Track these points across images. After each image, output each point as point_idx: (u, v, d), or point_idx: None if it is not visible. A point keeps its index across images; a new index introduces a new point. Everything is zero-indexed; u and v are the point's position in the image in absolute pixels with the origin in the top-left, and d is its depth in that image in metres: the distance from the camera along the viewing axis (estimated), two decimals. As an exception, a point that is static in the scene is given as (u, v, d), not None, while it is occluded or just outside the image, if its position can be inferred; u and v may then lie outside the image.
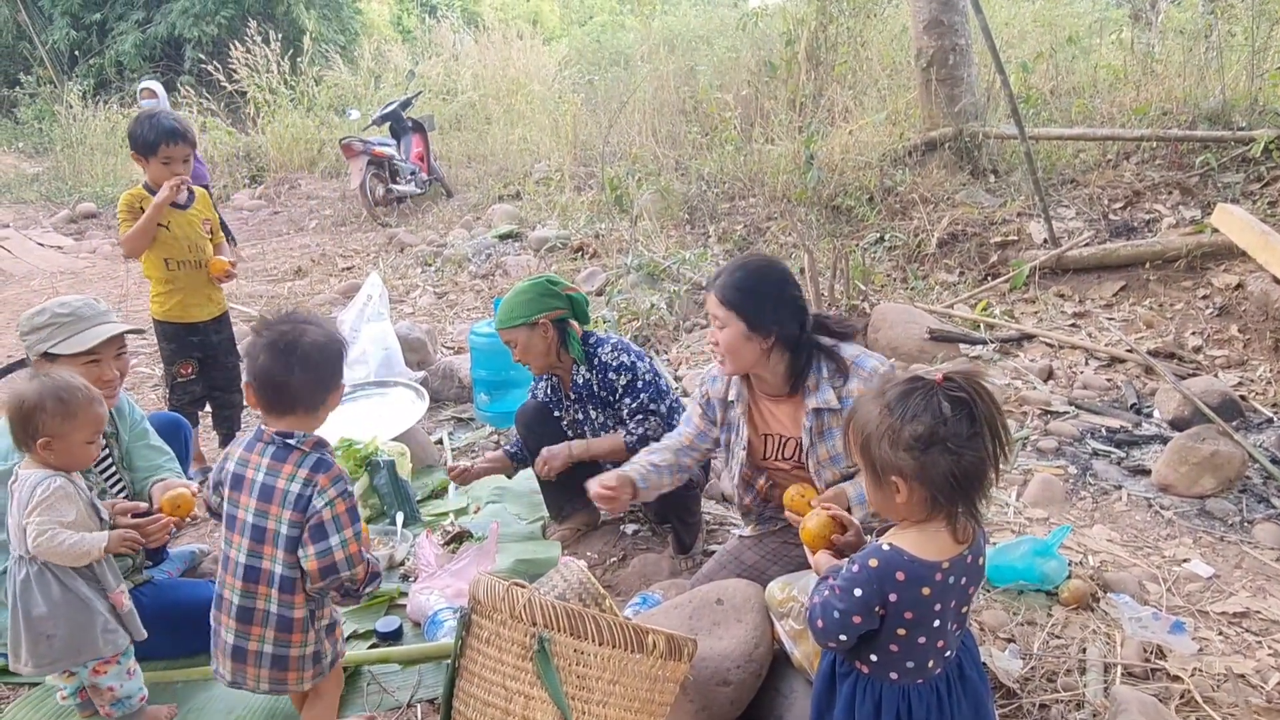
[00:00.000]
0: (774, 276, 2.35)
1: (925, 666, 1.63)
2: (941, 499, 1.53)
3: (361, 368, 4.57)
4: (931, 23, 7.02)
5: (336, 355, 1.97)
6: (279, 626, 1.91)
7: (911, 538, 1.59)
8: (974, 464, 1.51)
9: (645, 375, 3.06)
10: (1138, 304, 5.28)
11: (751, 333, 2.27)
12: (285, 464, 1.89)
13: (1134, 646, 2.60)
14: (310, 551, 1.85)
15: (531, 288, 3.04)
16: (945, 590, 1.58)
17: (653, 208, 7.82)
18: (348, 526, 1.88)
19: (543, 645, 1.68)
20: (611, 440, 3.09)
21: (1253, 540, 3.21)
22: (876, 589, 1.56)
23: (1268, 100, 6.42)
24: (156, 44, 15.19)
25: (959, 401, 1.51)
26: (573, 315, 3.10)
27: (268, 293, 7.21)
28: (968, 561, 1.60)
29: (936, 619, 1.59)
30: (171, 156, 3.49)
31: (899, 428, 1.52)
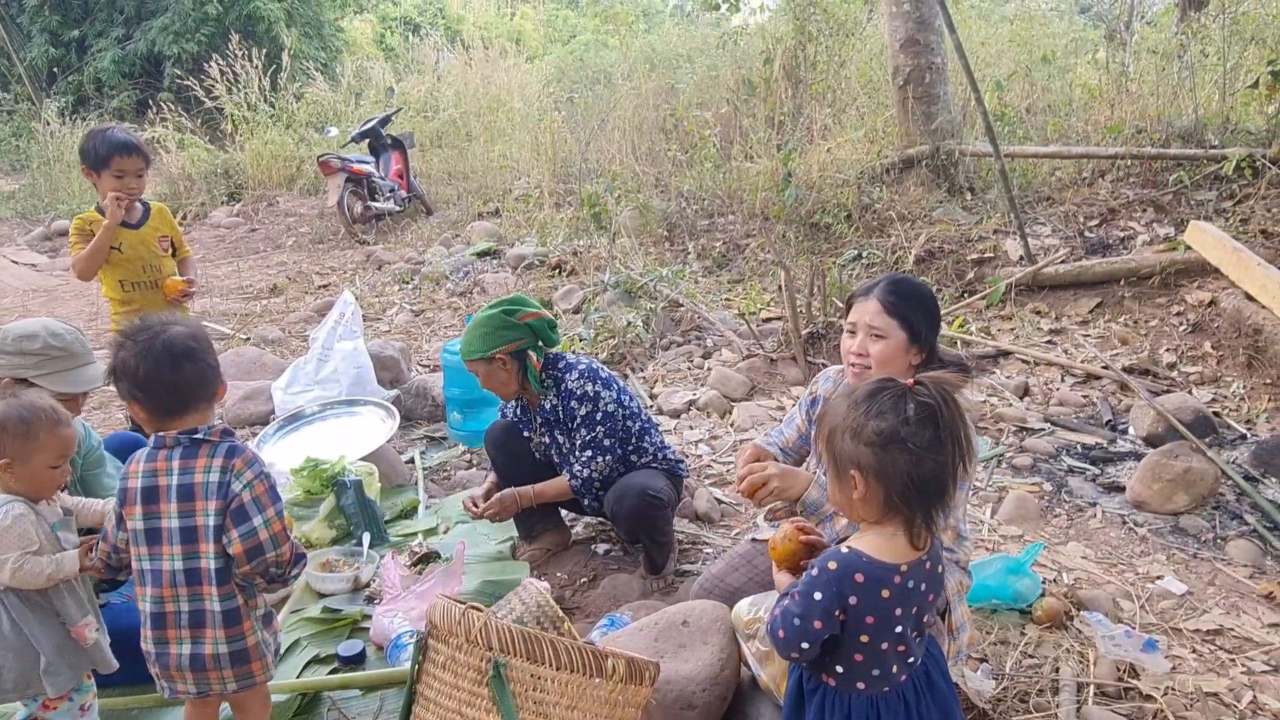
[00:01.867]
0: (929, 290, 2.35)
1: (891, 674, 1.61)
2: (897, 500, 1.53)
3: (333, 386, 4.51)
4: (908, 41, 7.07)
5: (208, 343, 1.99)
6: (227, 622, 1.89)
7: (869, 540, 1.59)
8: (932, 470, 1.52)
9: (607, 407, 3.01)
10: (1113, 321, 5.30)
11: (911, 344, 2.24)
12: (198, 459, 1.88)
13: (1107, 665, 2.58)
14: (234, 535, 1.84)
15: (487, 321, 2.97)
16: (905, 594, 1.56)
17: (631, 225, 7.82)
18: (269, 506, 1.88)
19: (498, 670, 1.63)
20: (557, 484, 3.08)
21: (1225, 557, 3.20)
22: (836, 591, 1.55)
23: (1239, 119, 6.48)
24: (136, 61, 15.10)
25: (925, 407, 1.52)
26: (535, 343, 3.04)
27: (242, 310, 7.14)
28: (926, 568, 1.59)
29: (898, 624, 1.57)
30: (124, 170, 3.39)
31: (863, 422, 1.54)
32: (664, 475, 3.11)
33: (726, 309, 6.21)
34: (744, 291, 6.50)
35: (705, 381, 5.06)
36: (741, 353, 5.36)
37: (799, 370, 5.04)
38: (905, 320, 2.20)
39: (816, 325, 5.23)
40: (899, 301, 2.21)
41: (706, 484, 3.87)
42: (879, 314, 2.22)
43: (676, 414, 4.76)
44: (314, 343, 4.81)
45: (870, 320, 2.23)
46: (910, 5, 6.96)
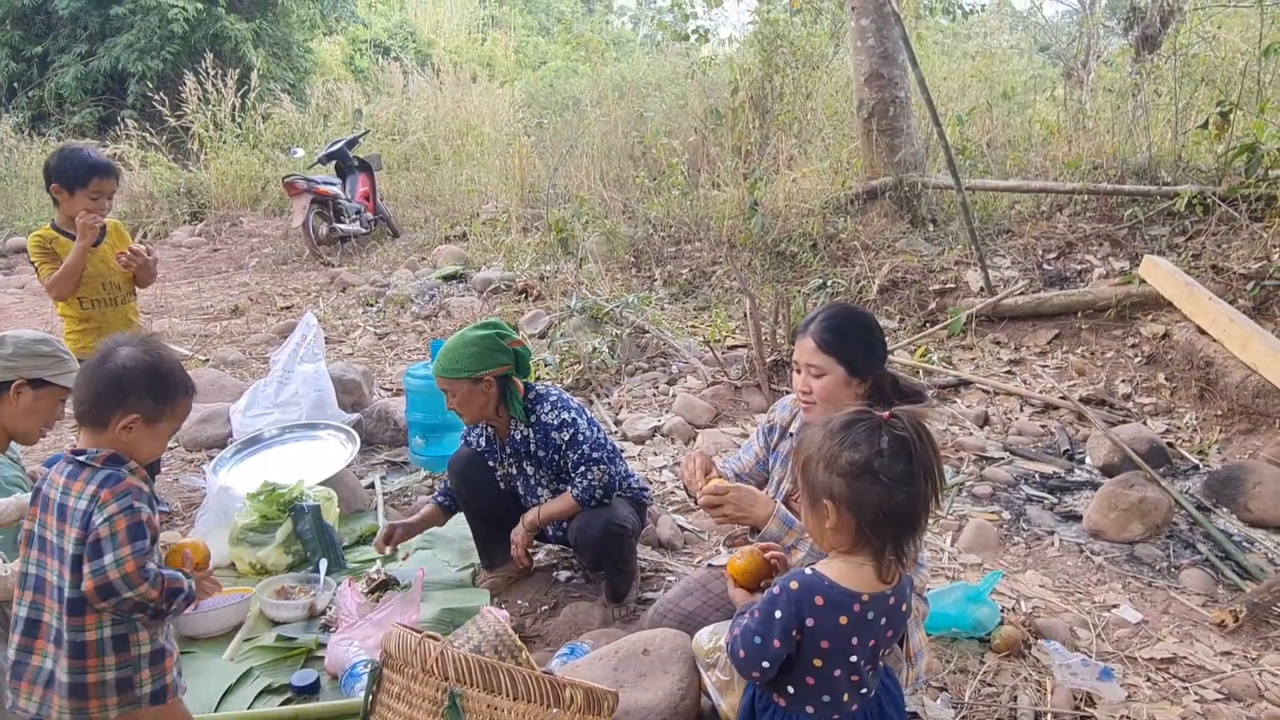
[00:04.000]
0: (867, 320, 2.34)
1: (841, 702, 1.62)
2: (868, 530, 1.54)
3: (293, 409, 4.45)
4: (872, 75, 7.19)
5: (138, 375, 1.90)
6: (71, 652, 1.81)
7: (835, 566, 1.60)
8: (904, 503, 1.53)
9: (585, 429, 3.01)
10: (1070, 352, 5.39)
11: (851, 378, 2.24)
12: (77, 481, 1.84)
13: (1064, 694, 2.60)
14: (86, 570, 1.77)
15: (481, 340, 2.94)
16: (863, 624, 1.57)
17: (598, 251, 7.83)
18: (125, 544, 1.77)
19: (454, 700, 1.60)
20: (563, 501, 3.03)
21: (1179, 586, 3.25)
22: (794, 611, 1.56)
23: (1191, 157, 6.67)
24: (99, 77, 14.91)
25: (899, 439, 1.53)
26: (516, 370, 3.04)
27: (201, 331, 7.04)
28: (889, 602, 1.59)
29: (853, 653, 1.58)
30: (101, 191, 3.38)
31: (837, 453, 1.55)
32: (628, 503, 3.10)
33: (692, 336, 6.24)
34: (709, 319, 6.53)
35: (670, 408, 5.07)
36: (706, 380, 5.38)
37: (763, 398, 5.07)
38: (841, 355, 2.22)
39: (781, 353, 5.26)
40: (833, 338, 2.23)
41: (670, 511, 3.87)
42: (815, 352, 2.24)
43: (641, 440, 4.75)
44: (275, 365, 4.75)
45: (808, 359, 2.25)
46: (875, 40, 7.09)
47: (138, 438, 1.91)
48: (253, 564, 3.22)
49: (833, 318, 2.30)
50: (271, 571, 3.19)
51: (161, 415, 1.95)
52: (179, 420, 2.03)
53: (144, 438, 1.93)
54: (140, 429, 1.91)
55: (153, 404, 1.92)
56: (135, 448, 1.92)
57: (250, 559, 3.22)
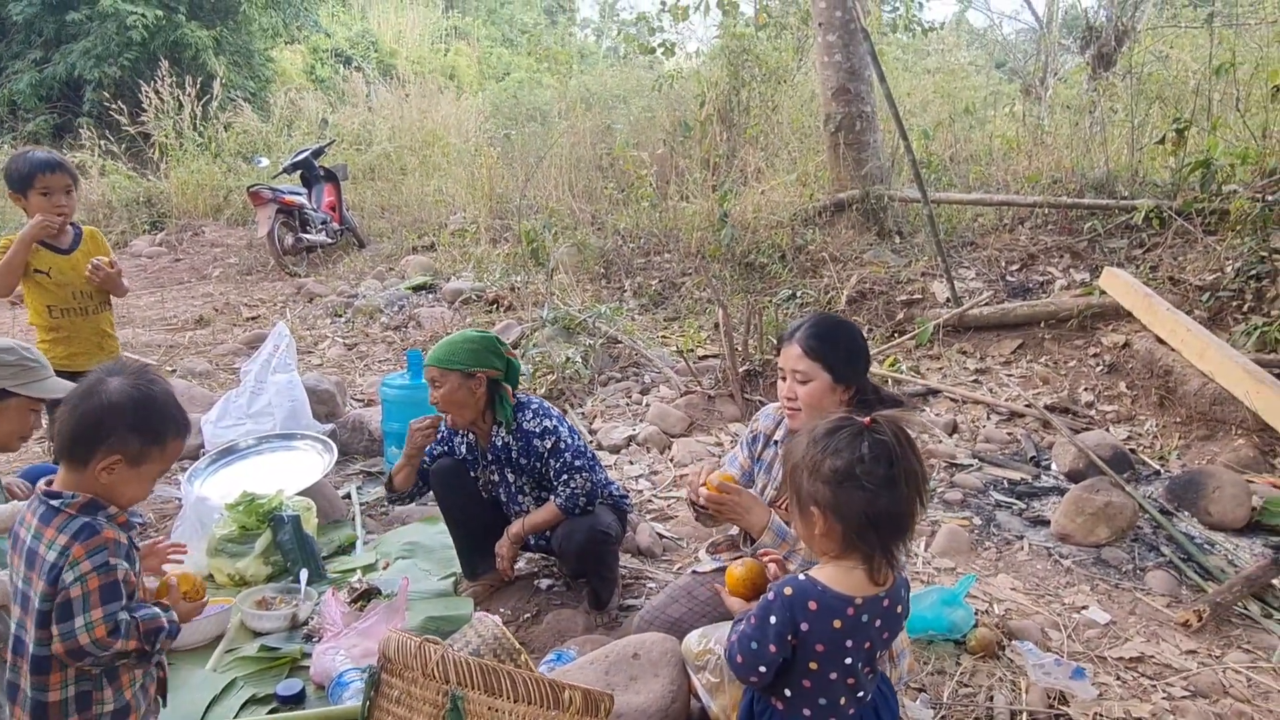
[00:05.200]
0: (851, 328, 2.40)
1: (838, 705, 1.65)
2: (854, 536, 1.58)
3: (266, 420, 4.42)
4: (839, 90, 7.32)
5: (124, 411, 1.74)
6: (33, 713, 1.70)
7: (828, 572, 1.63)
8: (888, 507, 1.56)
9: (566, 437, 3.04)
10: (1034, 361, 5.52)
11: (836, 384, 2.28)
12: (49, 527, 1.70)
13: (1038, 693, 2.67)
14: (55, 632, 1.66)
15: (481, 340, 2.99)
16: (857, 627, 1.61)
17: (569, 261, 7.86)
18: (96, 607, 1.66)
19: (455, 703, 1.62)
20: (547, 510, 3.05)
21: (1145, 587, 3.35)
22: (789, 616, 1.59)
23: (1147, 172, 6.87)
24: (55, 84, 14.65)
25: (880, 444, 1.57)
26: (507, 379, 3.06)
27: (166, 342, 6.93)
28: (884, 605, 1.63)
29: (848, 656, 1.61)
30: (50, 187, 3.27)
31: (820, 460, 1.59)
32: (610, 510, 3.13)
33: (664, 346, 6.28)
34: (680, 329, 6.58)
35: (644, 417, 5.10)
36: (679, 389, 5.42)
37: (736, 407, 5.12)
38: (827, 362, 2.27)
39: (753, 363, 5.33)
40: (819, 345, 2.28)
41: (648, 519, 3.89)
42: (801, 358, 2.29)
43: (616, 449, 4.78)
44: (246, 375, 4.71)
45: (794, 365, 2.30)
46: (841, 56, 7.22)
47: (119, 480, 1.75)
48: (231, 575, 3.19)
49: (818, 325, 2.35)
50: (251, 582, 3.16)
51: (147, 457, 1.77)
52: (167, 463, 1.85)
53: (126, 481, 1.76)
54: (122, 471, 1.74)
55: (138, 444, 1.75)
56: (116, 492, 1.76)
57: (229, 570, 3.19)
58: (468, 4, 33.89)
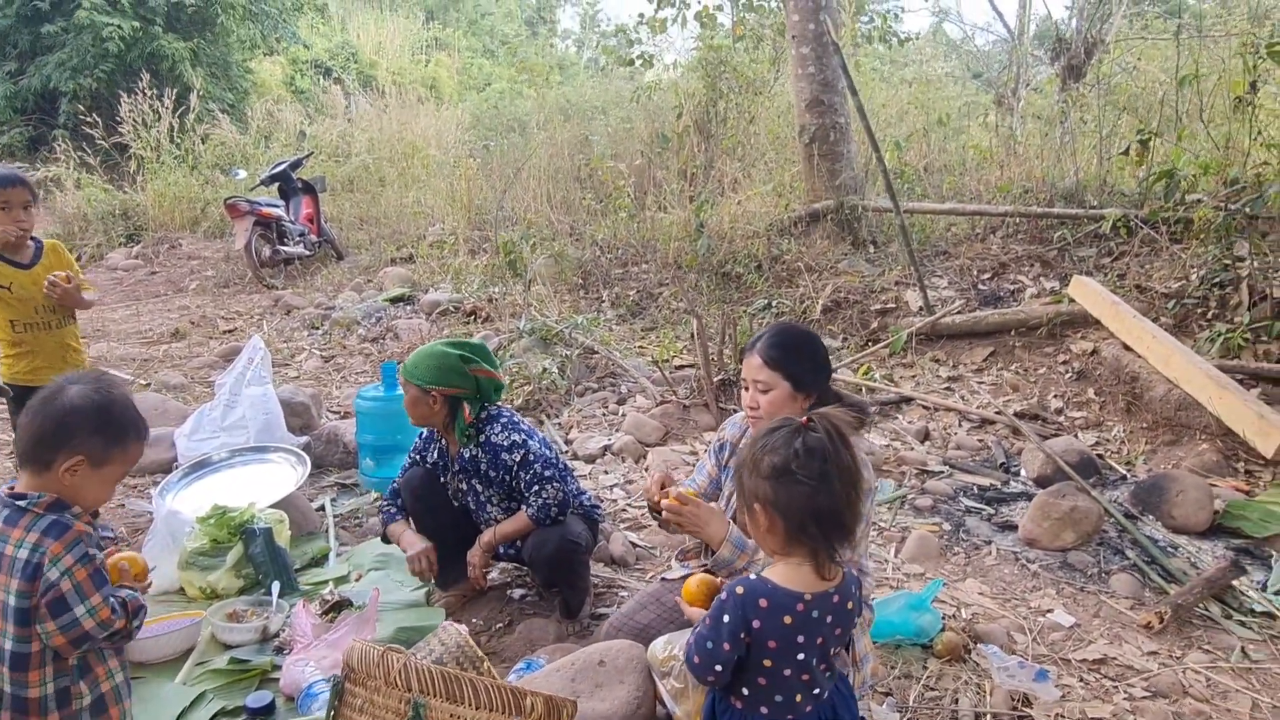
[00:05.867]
0: (811, 338, 2.45)
1: (794, 702, 1.69)
2: (796, 531, 1.63)
3: (240, 433, 4.41)
4: (813, 102, 7.39)
5: (86, 415, 1.82)
6: (14, 708, 1.76)
7: (777, 570, 1.69)
8: (825, 502, 1.61)
9: (536, 449, 3.06)
10: (1005, 368, 5.59)
11: (796, 392, 2.32)
12: (15, 528, 1.77)
13: (1002, 696, 2.71)
14: (52, 627, 1.74)
15: (443, 357, 3.00)
16: (808, 622, 1.65)
17: (547, 273, 7.89)
18: (92, 593, 1.77)
19: (417, 711, 1.64)
20: (518, 520, 3.07)
21: (1109, 590, 3.40)
22: (741, 614, 1.64)
23: (1116, 182, 6.98)
24: (30, 96, 14.56)
25: (815, 442, 1.63)
26: (476, 396, 3.07)
27: (141, 355, 6.90)
28: (834, 601, 1.67)
29: (801, 651, 1.65)
30: (9, 201, 3.29)
31: (760, 457, 1.65)
32: (581, 520, 3.15)
33: (640, 356, 6.31)
34: (657, 339, 6.62)
35: (620, 427, 5.13)
36: (655, 399, 5.46)
37: (711, 416, 5.16)
38: (787, 371, 2.32)
39: (728, 372, 5.36)
40: (779, 354, 2.33)
41: (622, 528, 3.92)
42: (761, 368, 2.33)
43: (592, 459, 4.80)
44: (220, 388, 4.70)
45: (755, 375, 2.35)
46: (815, 68, 7.30)
47: (82, 482, 1.83)
48: (203, 588, 3.19)
49: (778, 335, 2.39)
50: (222, 595, 3.16)
51: (109, 459, 1.86)
52: (128, 465, 1.94)
53: (89, 482, 1.84)
54: (85, 473, 1.82)
55: (100, 446, 1.83)
56: (79, 493, 1.84)
57: (200, 583, 3.19)
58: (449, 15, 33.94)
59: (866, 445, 4.73)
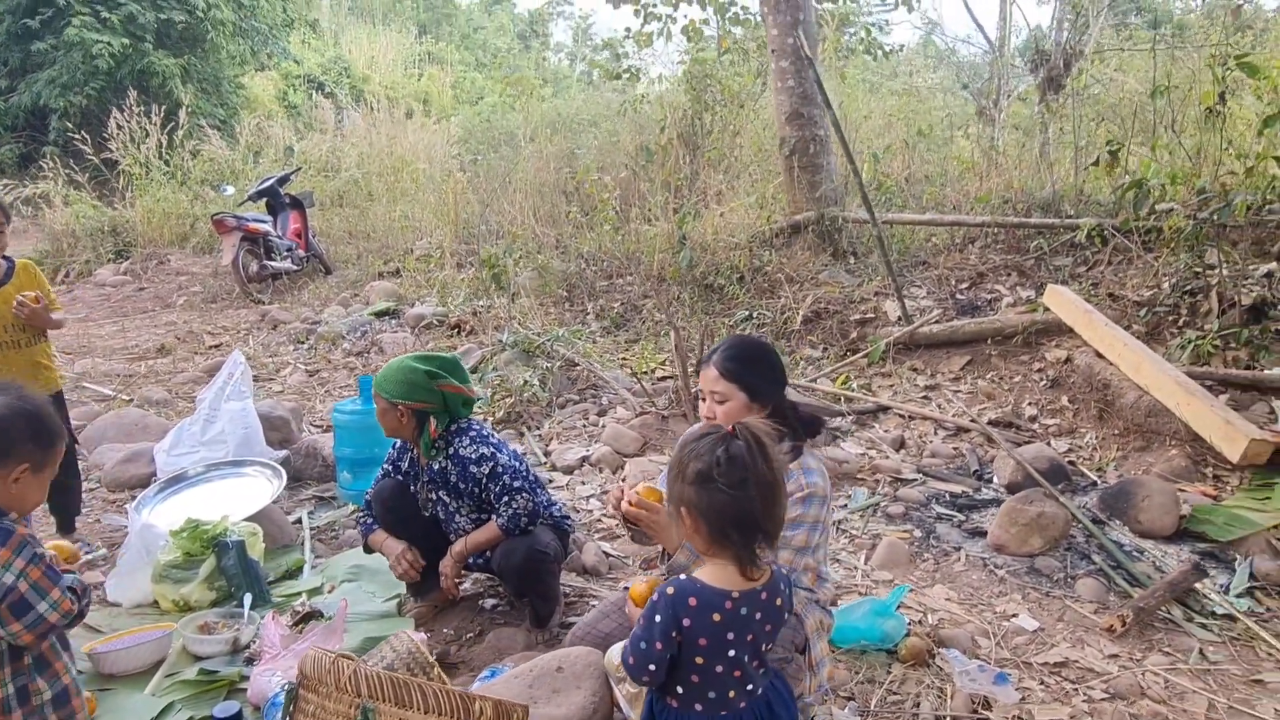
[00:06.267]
0: (767, 350, 2.50)
1: (728, 698, 1.74)
2: (718, 534, 1.69)
3: (219, 447, 4.44)
4: (793, 114, 7.47)
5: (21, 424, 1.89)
6: None
7: (705, 570, 1.75)
8: (743, 509, 1.67)
9: (505, 461, 3.11)
10: (980, 377, 5.64)
11: (752, 403, 2.37)
12: None
13: (963, 699, 2.75)
14: (17, 628, 1.82)
15: (410, 373, 3.05)
16: (736, 619, 1.70)
17: (531, 286, 7.94)
18: (51, 589, 1.85)
19: (366, 715, 1.68)
20: (488, 530, 3.11)
21: (1074, 595, 3.44)
22: (671, 614, 1.69)
23: (1093, 192, 7.06)
24: (20, 113, 14.65)
25: (736, 451, 1.68)
26: (443, 410, 3.11)
27: (126, 371, 6.93)
28: (762, 598, 1.73)
29: (731, 648, 1.70)
30: None
31: (686, 463, 1.72)
32: (551, 530, 3.19)
33: (623, 368, 6.36)
34: (640, 351, 6.67)
35: (599, 438, 5.17)
36: (635, 410, 5.50)
37: (689, 426, 5.19)
38: (742, 382, 2.37)
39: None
40: (734, 365, 2.38)
41: (596, 538, 3.95)
42: (718, 380, 2.39)
43: (570, 470, 4.84)
44: (201, 403, 4.74)
45: (711, 386, 2.40)
46: (794, 81, 7.38)
47: (25, 489, 1.89)
48: (176, 601, 3.22)
49: (734, 347, 2.45)
50: (195, 608, 3.19)
51: (47, 461, 1.94)
52: (54, 469, 2.00)
53: (30, 488, 1.91)
54: (27, 479, 1.89)
55: (40, 452, 1.91)
56: (23, 499, 1.91)
57: (174, 596, 3.22)
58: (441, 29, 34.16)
59: (842, 454, 4.78)
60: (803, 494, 2.31)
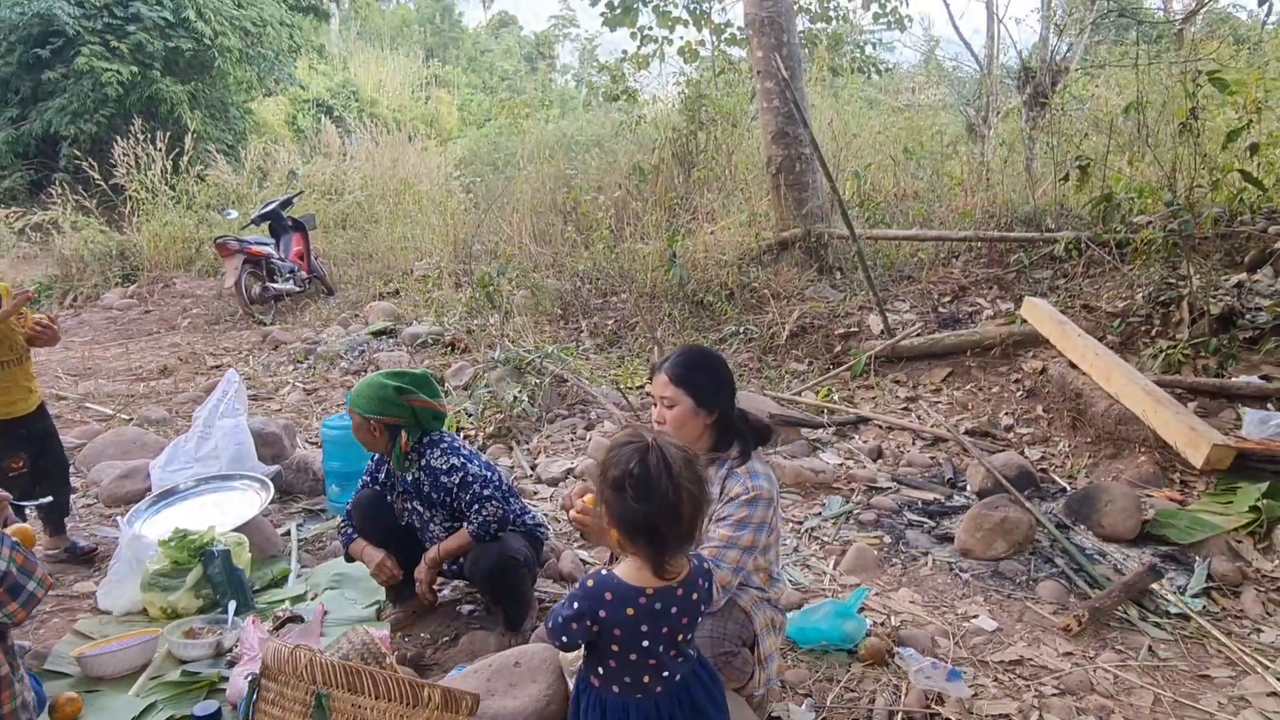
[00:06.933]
0: (715, 359, 2.64)
1: (642, 683, 1.86)
2: (625, 537, 1.80)
3: (212, 463, 4.57)
4: (778, 134, 7.63)
5: None
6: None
7: (624, 566, 1.86)
8: (648, 521, 1.78)
9: (475, 470, 3.24)
10: (960, 388, 5.75)
11: (699, 409, 2.49)
12: None
13: (916, 695, 2.85)
14: (14, 606, 2.04)
15: (379, 388, 3.19)
16: (651, 614, 1.82)
17: (526, 304, 8.09)
18: (35, 569, 2.09)
19: (320, 701, 1.80)
20: (459, 537, 3.24)
21: (1035, 597, 3.54)
22: (588, 605, 1.82)
23: (1073, 206, 7.18)
24: (30, 141, 14.96)
25: (647, 465, 1.79)
26: (414, 424, 3.25)
27: (127, 391, 7.10)
28: (678, 594, 1.84)
29: (645, 639, 1.82)
30: None
31: (606, 466, 1.83)
32: (522, 537, 3.31)
33: (614, 384, 6.49)
34: (628, 366, 6.80)
35: (584, 451, 5.29)
36: (621, 424, 5.62)
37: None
38: (691, 386, 2.49)
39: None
40: (683, 372, 2.51)
41: (574, 547, 4.07)
42: (666, 385, 2.51)
43: (554, 482, 4.96)
44: (196, 420, 4.88)
45: (661, 392, 2.53)
46: (780, 101, 7.54)
47: None
48: (164, 608, 3.34)
49: (684, 355, 2.58)
50: (182, 614, 3.31)
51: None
52: None
53: None
54: None
55: None
56: None
57: (161, 603, 3.35)
58: (448, 53, 34.61)
59: (819, 464, 4.89)
60: (748, 496, 2.43)
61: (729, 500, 2.44)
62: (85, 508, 4.68)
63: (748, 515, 2.42)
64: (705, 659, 2.03)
